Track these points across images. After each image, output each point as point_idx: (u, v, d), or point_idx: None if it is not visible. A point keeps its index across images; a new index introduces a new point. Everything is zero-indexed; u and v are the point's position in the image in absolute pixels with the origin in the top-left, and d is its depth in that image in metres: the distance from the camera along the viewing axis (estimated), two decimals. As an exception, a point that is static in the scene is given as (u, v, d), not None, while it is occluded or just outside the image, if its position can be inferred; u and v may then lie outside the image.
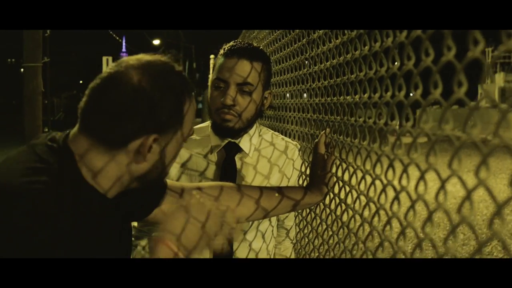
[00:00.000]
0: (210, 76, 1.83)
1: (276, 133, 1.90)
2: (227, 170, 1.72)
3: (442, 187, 0.82)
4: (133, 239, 1.89)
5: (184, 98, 1.09)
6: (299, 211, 1.88)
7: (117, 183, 1.08)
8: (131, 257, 1.87)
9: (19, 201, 0.91)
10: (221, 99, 1.63)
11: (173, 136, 1.09)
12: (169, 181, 1.40)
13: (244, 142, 1.75)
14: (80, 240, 0.95)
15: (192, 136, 1.80)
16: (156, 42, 37.90)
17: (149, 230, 1.85)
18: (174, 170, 1.75)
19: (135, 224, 1.85)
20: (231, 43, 1.70)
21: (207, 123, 1.80)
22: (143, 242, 1.88)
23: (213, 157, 1.74)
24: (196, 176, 1.74)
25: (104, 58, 16.20)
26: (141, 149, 1.03)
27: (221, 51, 1.70)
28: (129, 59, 1.06)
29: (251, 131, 1.76)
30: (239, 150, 1.75)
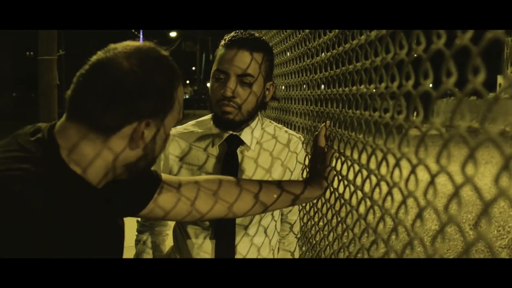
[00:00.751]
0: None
1: (280, 125, 1.86)
2: (228, 163, 1.69)
3: (432, 182, 0.78)
4: (136, 233, 1.88)
5: (174, 82, 1.08)
6: (303, 205, 1.84)
7: (107, 172, 1.06)
8: (135, 252, 1.86)
9: None
10: (221, 90, 1.60)
11: (164, 121, 1.08)
12: (165, 175, 1.38)
13: (245, 135, 1.71)
14: (66, 231, 0.92)
15: (193, 129, 1.78)
16: (173, 34, 38.00)
17: (151, 224, 1.84)
18: (174, 163, 1.73)
19: (138, 219, 1.84)
20: (232, 33, 1.66)
21: (209, 116, 1.77)
22: (145, 237, 1.87)
23: (214, 150, 1.72)
24: (197, 170, 1.71)
25: (121, 50, 16.28)
26: (134, 135, 1.02)
27: (222, 42, 1.66)
28: (116, 46, 1.05)
29: (253, 124, 1.73)
30: (241, 143, 1.72)
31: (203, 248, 1.72)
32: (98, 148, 1.02)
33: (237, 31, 1.67)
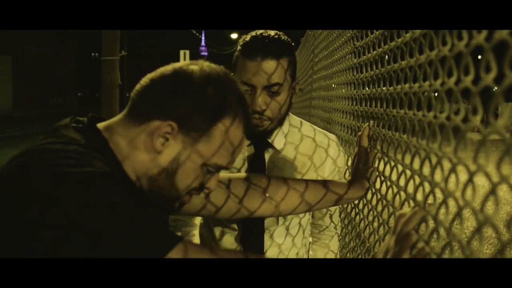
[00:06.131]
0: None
1: (310, 125, 1.80)
2: (255, 167, 1.65)
3: (470, 181, 0.74)
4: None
5: (223, 109, 1.05)
6: (344, 206, 1.81)
7: (135, 170, 1.04)
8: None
9: (50, 187, 0.85)
10: (249, 103, 1.48)
11: (194, 145, 1.04)
12: None
13: (275, 138, 1.67)
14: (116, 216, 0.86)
15: None
16: (234, 36, 38.35)
17: (179, 224, 1.81)
18: None
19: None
20: (248, 38, 1.57)
21: None
22: (178, 233, 1.85)
23: (243, 152, 1.67)
24: (226, 171, 1.67)
25: (182, 52, 16.55)
26: (156, 132, 1.01)
27: (239, 47, 1.58)
28: (204, 62, 1.10)
29: (284, 127, 1.68)
30: (269, 145, 1.67)
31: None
32: (127, 134, 1.04)
33: (252, 34, 1.58)
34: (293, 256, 1.74)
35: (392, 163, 1.21)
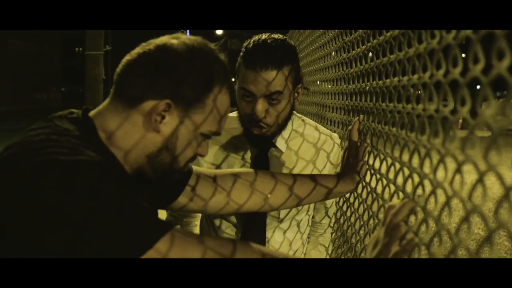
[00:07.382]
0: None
1: (312, 123, 1.80)
2: (258, 166, 1.64)
3: (459, 174, 0.76)
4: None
5: (214, 79, 1.07)
6: (336, 199, 1.82)
7: (132, 153, 1.05)
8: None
9: (42, 174, 0.86)
10: (250, 110, 1.52)
11: (191, 116, 1.06)
12: (200, 168, 1.38)
13: (278, 140, 1.67)
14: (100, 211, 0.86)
15: None
16: (219, 32, 38.22)
17: (181, 215, 1.81)
18: (204, 163, 1.69)
19: None
20: (251, 45, 1.53)
21: (236, 114, 1.64)
22: (179, 224, 1.85)
23: (244, 151, 1.68)
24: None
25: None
26: (153, 113, 1.02)
27: (242, 54, 1.55)
28: (182, 35, 1.09)
29: (287, 127, 1.67)
30: (272, 145, 1.67)
31: None
32: (121, 119, 1.04)
33: (255, 39, 1.55)
34: (297, 244, 1.75)
35: (382, 156, 1.22)
